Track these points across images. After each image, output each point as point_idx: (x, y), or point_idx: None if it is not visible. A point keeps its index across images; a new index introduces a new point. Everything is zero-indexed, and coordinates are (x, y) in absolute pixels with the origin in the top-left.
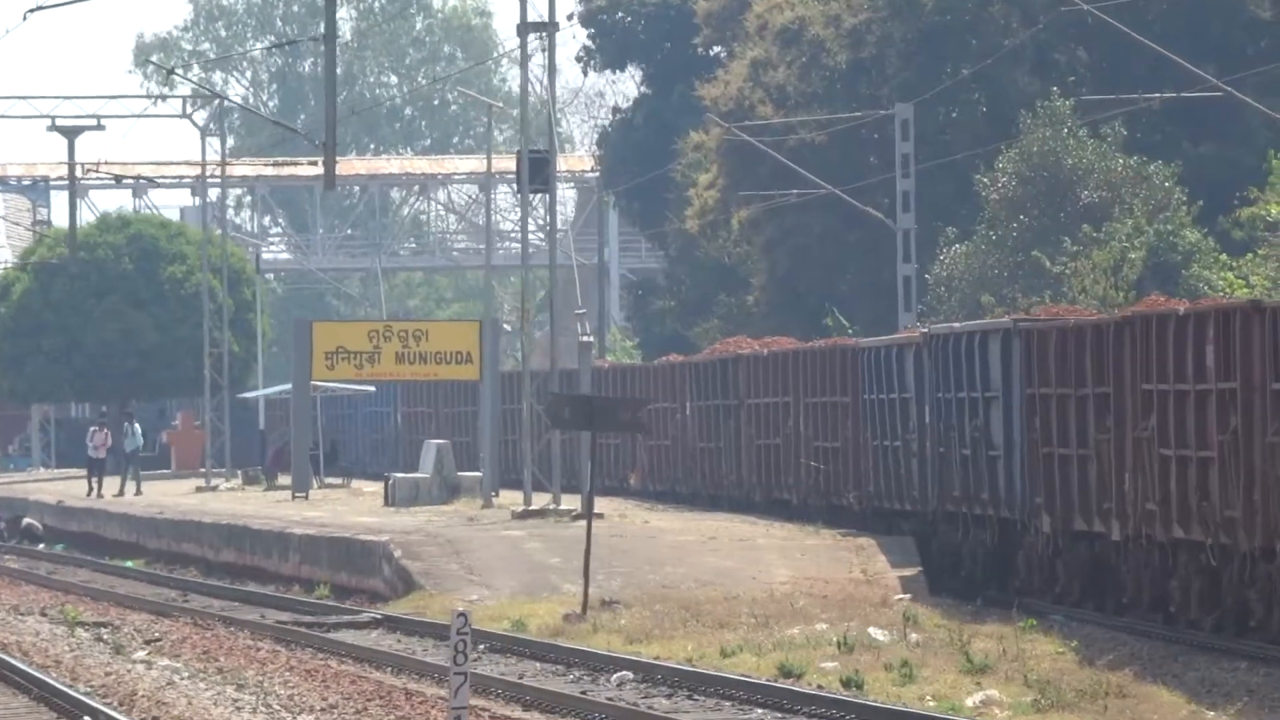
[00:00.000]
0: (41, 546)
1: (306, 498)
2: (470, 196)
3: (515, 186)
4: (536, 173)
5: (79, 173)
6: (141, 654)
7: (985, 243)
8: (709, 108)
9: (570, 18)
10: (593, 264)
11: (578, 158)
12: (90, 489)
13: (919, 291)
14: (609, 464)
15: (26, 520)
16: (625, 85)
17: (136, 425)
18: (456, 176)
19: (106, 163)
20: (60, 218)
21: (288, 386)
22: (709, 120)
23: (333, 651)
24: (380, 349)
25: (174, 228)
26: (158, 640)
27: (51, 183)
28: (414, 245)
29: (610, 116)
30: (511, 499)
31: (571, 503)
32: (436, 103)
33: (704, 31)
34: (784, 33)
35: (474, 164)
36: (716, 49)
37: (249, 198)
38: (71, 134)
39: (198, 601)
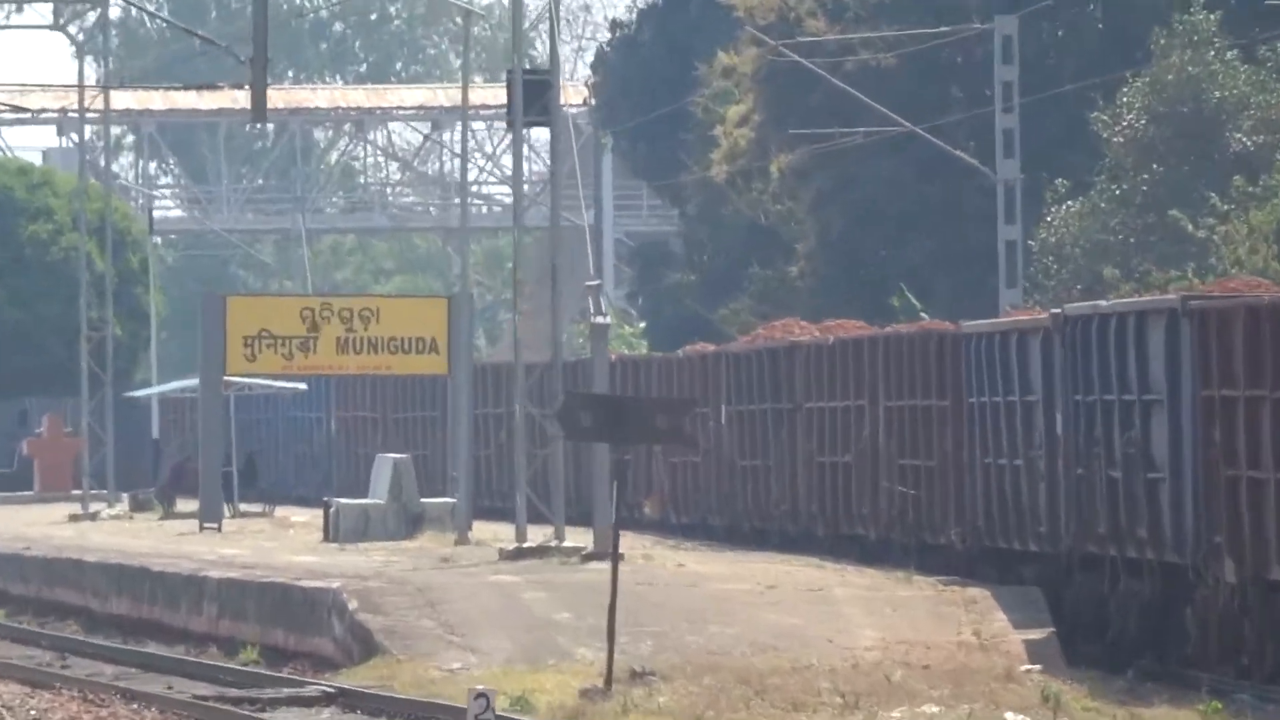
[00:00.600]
0: None
1: (219, 529)
2: (416, 140)
3: (490, 123)
4: (533, 100)
5: None
6: None
7: (1106, 199)
8: (743, 19)
9: None
10: (578, 226)
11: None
12: None
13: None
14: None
15: None
16: None
17: None
18: (401, 111)
19: None
20: None
21: (189, 383)
22: (743, 37)
23: None
24: (317, 333)
25: (36, 175)
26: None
27: None
28: (342, 201)
29: (609, 35)
30: (493, 533)
31: (578, 538)
32: (374, 18)
33: None
34: None
35: (422, 95)
36: None
37: (131, 138)
38: None
39: (83, 667)
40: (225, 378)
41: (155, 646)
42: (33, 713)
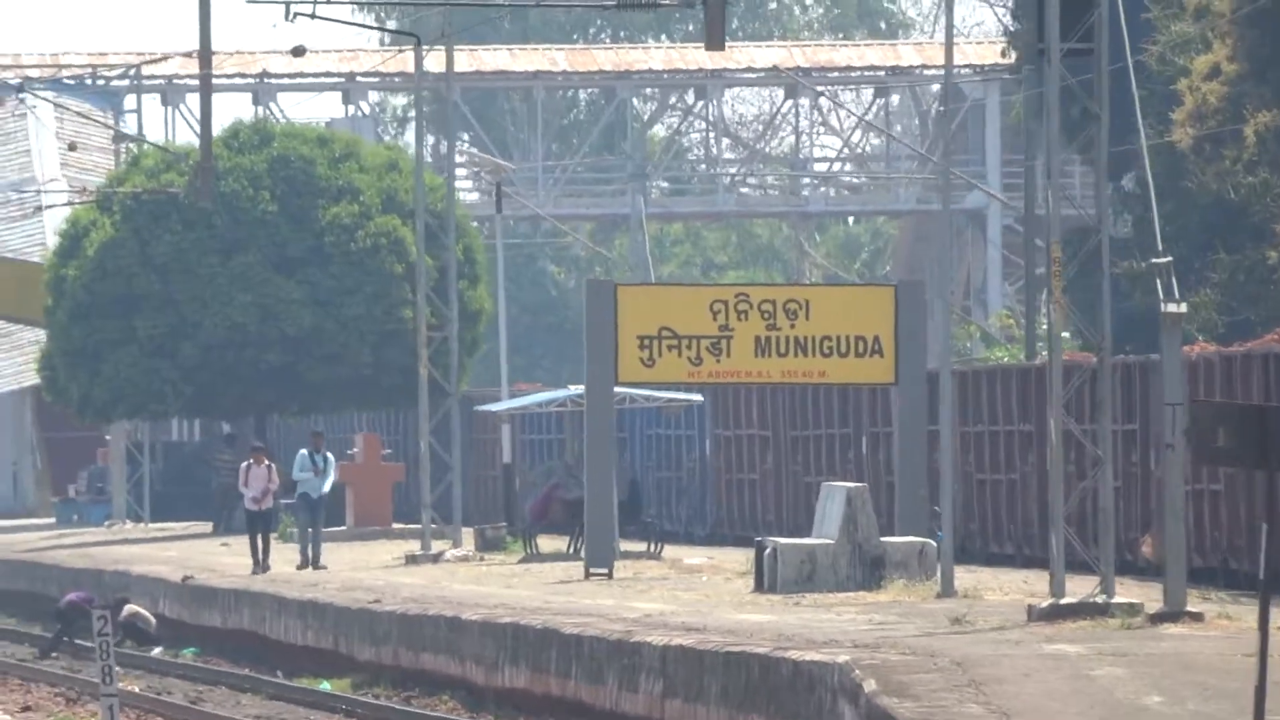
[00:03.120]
0: (157, 651)
1: (609, 575)
2: (751, 112)
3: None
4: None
5: (167, 68)
6: None
7: None
8: None
9: None
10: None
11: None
12: (256, 560)
13: None
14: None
15: (130, 608)
16: None
17: (329, 455)
18: (748, 74)
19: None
20: (151, 130)
21: (557, 394)
22: None
23: None
24: (731, 332)
25: (339, 146)
26: None
27: (144, 81)
28: (666, 185)
29: None
30: (975, 581)
31: (1128, 593)
32: None
33: None
34: None
35: (775, 55)
36: None
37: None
38: None
39: None
40: (618, 390)
41: None
42: None
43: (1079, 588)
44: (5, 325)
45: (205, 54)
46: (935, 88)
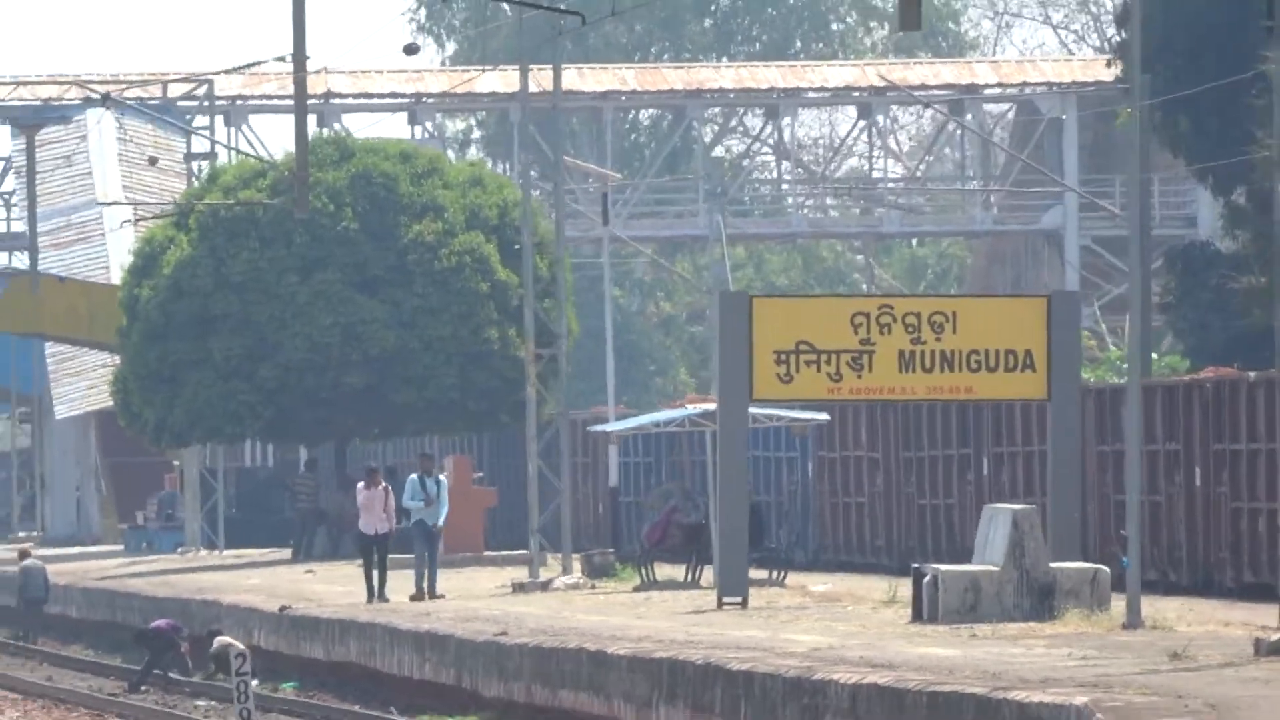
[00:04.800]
0: (254, 685)
1: (744, 605)
2: (816, 131)
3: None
4: None
5: (231, 87)
6: None
7: None
8: None
9: None
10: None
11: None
12: (370, 590)
13: None
14: (1241, 539)
15: (222, 640)
16: None
17: (441, 479)
18: (818, 93)
19: (277, 60)
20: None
21: (673, 414)
22: None
23: None
24: (874, 346)
25: (422, 162)
26: None
27: (217, 101)
28: (739, 204)
29: None
30: (1154, 610)
31: None
32: None
33: None
34: None
35: (849, 74)
36: None
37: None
38: None
39: None
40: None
41: None
42: None
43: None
44: (70, 349)
45: (300, 79)
46: (1005, 107)
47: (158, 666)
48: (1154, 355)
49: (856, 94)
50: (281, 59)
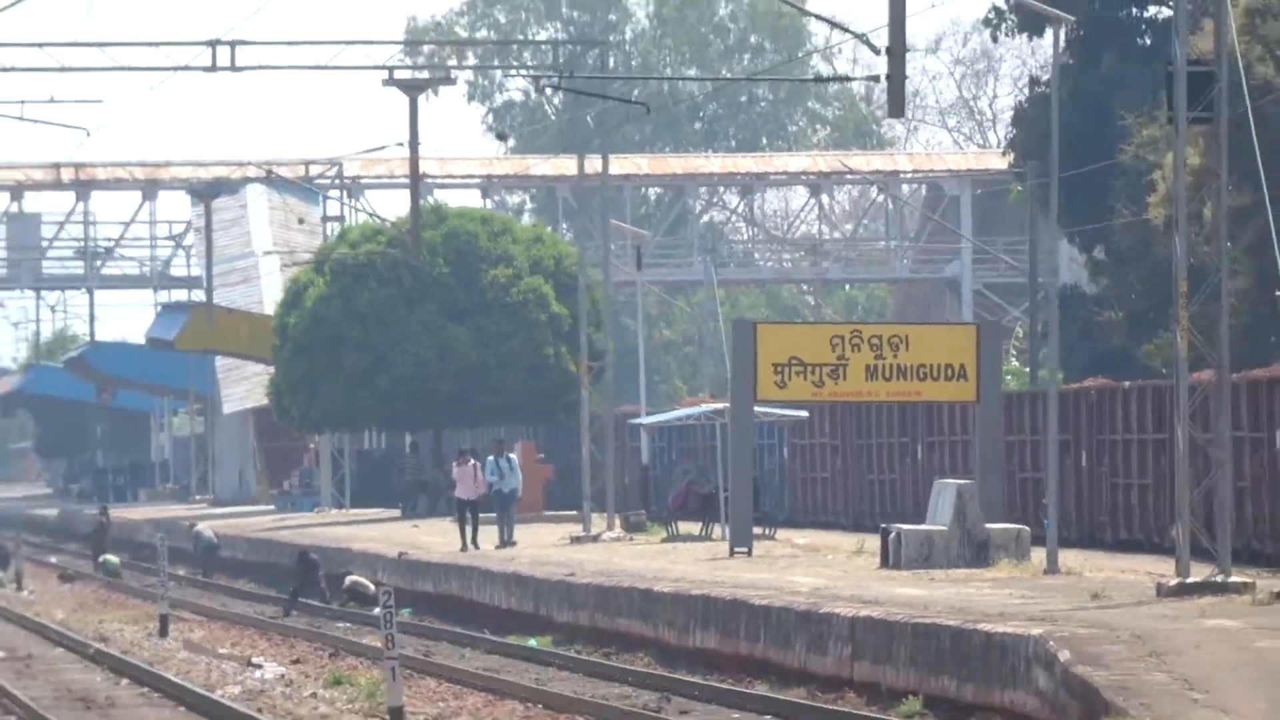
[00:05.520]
0: (376, 611)
1: (749, 553)
2: (778, 205)
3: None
4: (1196, 94)
5: (352, 168)
6: None
7: None
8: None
9: None
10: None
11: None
12: (464, 540)
13: None
14: (1131, 507)
15: (352, 577)
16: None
17: (512, 457)
18: (781, 176)
19: (392, 145)
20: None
21: (694, 410)
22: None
23: None
24: (847, 360)
25: (497, 223)
26: None
27: (345, 179)
28: (720, 258)
29: (1026, 91)
30: (1066, 561)
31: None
32: (744, 99)
33: None
34: None
35: (803, 162)
36: (1155, 8)
37: (529, 203)
38: (413, 89)
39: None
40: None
41: (765, 688)
42: None
43: (1166, 569)
44: (234, 362)
45: (414, 163)
46: (918, 186)
47: (302, 595)
48: (1041, 372)
49: (807, 177)
50: (380, 147)
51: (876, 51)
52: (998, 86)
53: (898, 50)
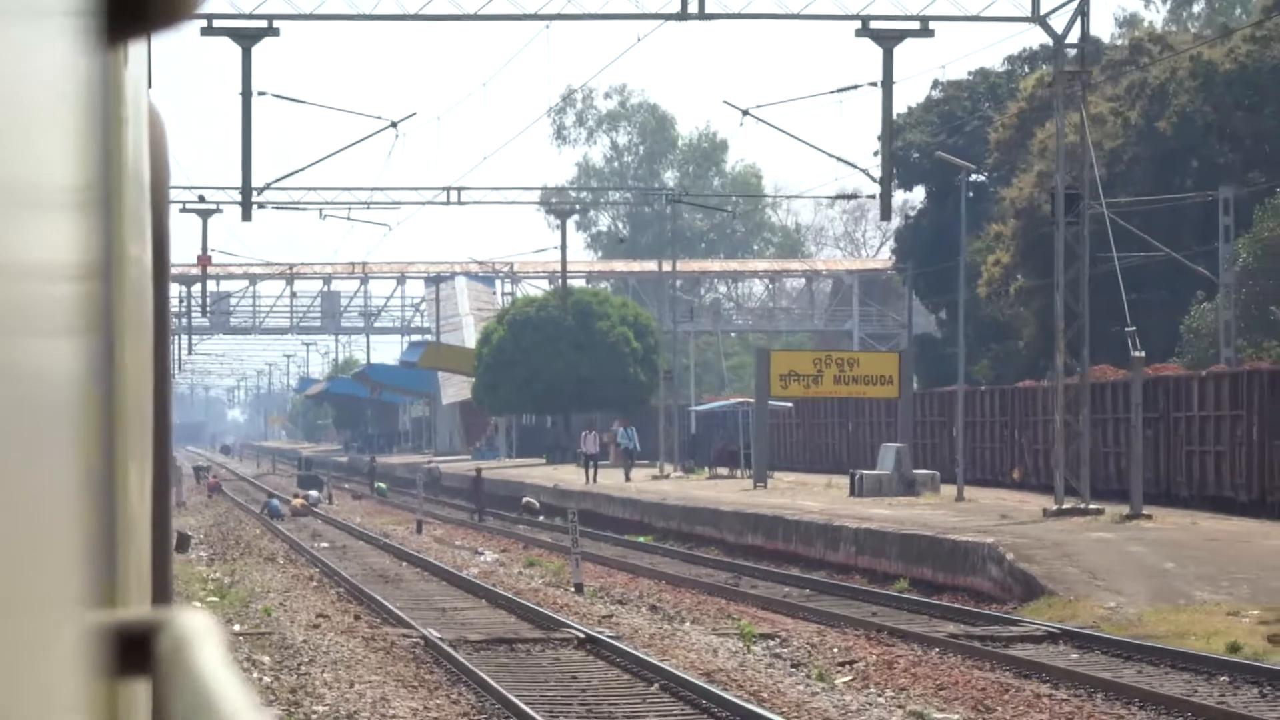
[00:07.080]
0: (541, 519)
1: (766, 487)
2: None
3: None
4: (1070, 207)
5: (515, 266)
6: (843, 681)
7: None
8: (1007, 208)
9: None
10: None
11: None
12: (587, 478)
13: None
14: (986, 460)
15: (526, 499)
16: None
17: (633, 430)
18: (753, 272)
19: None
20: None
21: (726, 404)
22: (1005, 212)
23: (1033, 674)
24: (822, 372)
25: (602, 295)
26: (851, 663)
27: (516, 272)
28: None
29: (903, 220)
30: (973, 494)
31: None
32: (729, 232)
33: (994, 155)
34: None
35: (768, 264)
36: (978, 178)
37: (603, 286)
38: (564, 214)
39: (821, 601)
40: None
41: (798, 570)
42: (834, 651)
43: (1029, 498)
44: (449, 374)
45: (563, 263)
46: (830, 279)
47: (472, 502)
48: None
49: (765, 273)
50: (539, 250)
51: (875, 180)
52: (868, 220)
53: (886, 176)
